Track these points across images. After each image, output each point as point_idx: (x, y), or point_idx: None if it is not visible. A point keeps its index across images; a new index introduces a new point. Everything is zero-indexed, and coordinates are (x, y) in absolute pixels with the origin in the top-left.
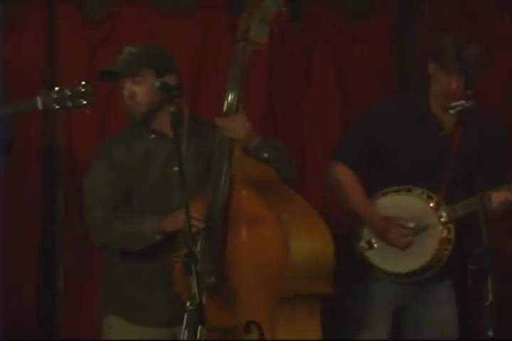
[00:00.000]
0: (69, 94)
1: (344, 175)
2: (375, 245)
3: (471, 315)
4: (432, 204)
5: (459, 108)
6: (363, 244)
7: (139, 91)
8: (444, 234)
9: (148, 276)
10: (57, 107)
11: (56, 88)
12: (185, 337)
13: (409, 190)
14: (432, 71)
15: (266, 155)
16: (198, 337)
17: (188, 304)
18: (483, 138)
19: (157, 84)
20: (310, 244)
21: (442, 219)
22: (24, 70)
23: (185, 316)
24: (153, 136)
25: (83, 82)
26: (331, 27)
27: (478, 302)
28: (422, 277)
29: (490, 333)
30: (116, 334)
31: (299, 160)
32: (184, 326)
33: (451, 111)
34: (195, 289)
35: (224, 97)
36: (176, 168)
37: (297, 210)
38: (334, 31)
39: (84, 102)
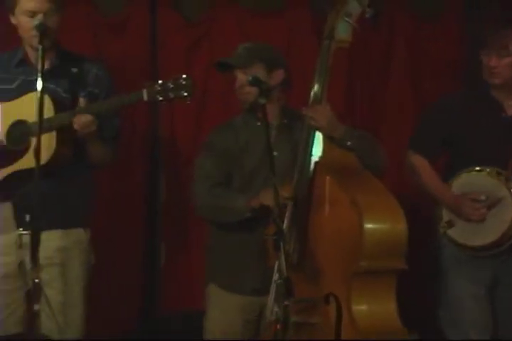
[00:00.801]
0: (171, 86)
1: (419, 163)
2: (455, 223)
3: None
4: (501, 179)
5: None
6: (443, 223)
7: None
8: None
9: (243, 248)
10: (160, 99)
11: (159, 81)
12: (274, 308)
13: (479, 170)
14: (481, 58)
15: (349, 143)
16: (285, 308)
17: (276, 278)
18: None
19: (249, 78)
20: (383, 224)
21: None
22: (129, 66)
23: (274, 289)
24: (258, 124)
25: (184, 76)
26: (405, 27)
27: None
28: (504, 247)
29: None
30: (214, 301)
31: None
32: (273, 298)
33: None
34: (282, 264)
35: (310, 90)
36: (276, 153)
37: (374, 194)
38: (408, 31)
39: (185, 94)
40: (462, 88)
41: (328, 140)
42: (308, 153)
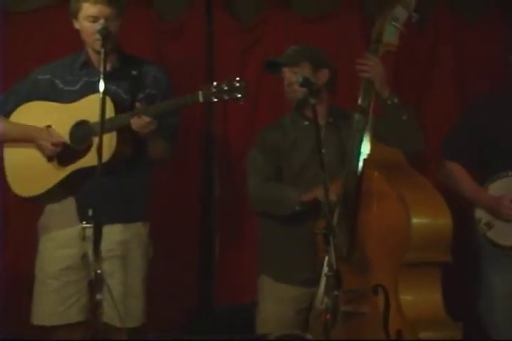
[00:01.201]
0: (226, 88)
1: (455, 169)
2: (494, 225)
3: None
4: None
5: None
6: (482, 225)
7: (296, 80)
8: None
9: (294, 241)
10: (215, 100)
11: (214, 83)
12: (324, 299)
13: None
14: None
15: (391, 102)
16: (334, 299)
17: (326, 270)
18: None
19: (300, 79)
20: (429, 218)
21: None
22: (186, 69)
23: (324, 281)
24: (306, 122)
25: (237, 78)
26: (450, 30)
27: None
28: None
29: None
30: (266, 292)
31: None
32: (323, 289)
33: None
34: (332, 257)
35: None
36: (323, 151)
37: (419, 189)
38: (453, 34)
39: (239, 95)
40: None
41: (374, 138)
42: (358, 151)
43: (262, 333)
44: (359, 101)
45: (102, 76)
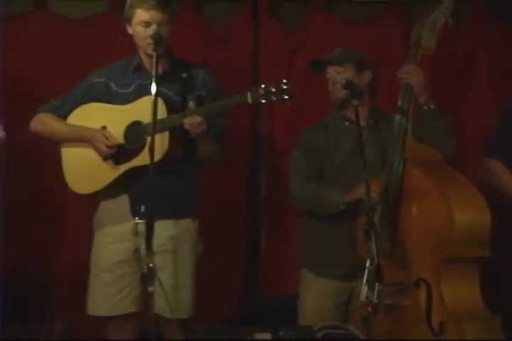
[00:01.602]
0: (273, 90)
1: (498, 168)
2: None
3: None
4: None
5: None
6: None
7: (340, 79)
8: None
9: (334, 237)
10: (263, 101)
11: (262, 85)
12: (365, 292)
13: None
14: None
15: (427, 108)
16: (376, 292)
17: (368, 265)
18: None
19: (343, 82)
20: (470, 215)
21: None
22: (233, 72)
23: (366, 275)
24: (347, 123)
25: (284, 80)
26: (487, 33)
27: None
28: None
29: None
30: (307, 285)
31: (459, 156)
32: (364, 283)
33: None
34: (373, 252)
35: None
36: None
37: (459, 186)
38: (490, 36)
39: (286, 97)
40: None
41: (412, 138)
42: (400, 150)
43: (304, 324)
44: (399, 103)
45: (153, 79)
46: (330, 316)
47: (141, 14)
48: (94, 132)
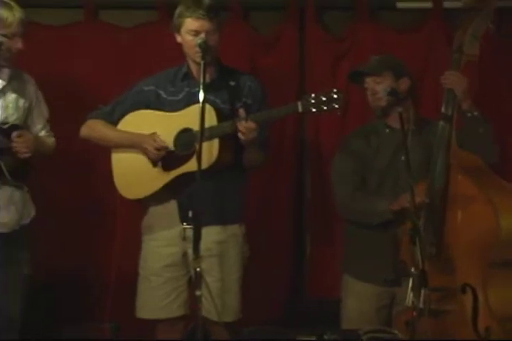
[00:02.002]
0: (324, 99)
1: None
2: None
3: None
4: None
5: None
6: None
7: (380, 89)
8: None
9: (377, 242)
10: (314, 110)
11: (313, 94)
12: (411, 297)
13: None
14: None
15: (471, 114)
16: (421, 297)
17: (412, 270)
18: None
19: (387, 89)
20: None
21: None
22: (279, 79)
23: (411, 280)
24: (387, 130)
25: (335, 90)
26: None
27: None
28: None
29: None
30: (349, 290)
31: (502, 162)
32: (409, 288)
33: None
34: (418, 257)
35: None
36: (402, 158)
37: (504, 191)
38: None
39: (336, 106)
40: None
41: (456, 144)
42: (443, 156)
43: (345, 328)
44: (442, 110)
45: (201, 87)
46: (371, 320)
47: (191, 23)
48: (144, 136)
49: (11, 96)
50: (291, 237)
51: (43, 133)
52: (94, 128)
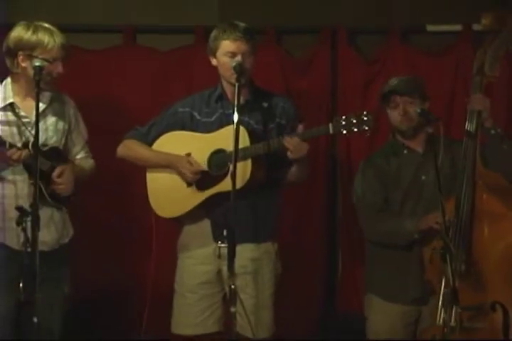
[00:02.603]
0: (354, 121)
1: None
2: None
3: None
4: None
5: None
6: None
7: (411, 109)
8: None
9: (402, 262)
10: (344, 132)
11: (344, 116)
12: (441, 315)
13: None
14: None
15: (494, 132)
16: (453, 315)
17: (443, 287)
18: None
19: (418, 110)
20: None
21: None
22: (312, 100)
23: (441, 297)
24: (405, 151)
25: (365, 112)
26: None
27: None
28: None
29: None
30: (375, 309)
31: None
32: (440, 306)
33: None
34: (449, 275)
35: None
36: (423, 177)
37: None
38: None
39: (366, 128)
40: None
41: (481, 164)
42: (468, 174)
43: None
44: (467, 126)
45: (235, 108)
46: (398, 336)
47: (228, 45)
48: (179, 158)
49: (51, 119)
50: (323, 254)
51: (81, 154)
52: (130, 148)
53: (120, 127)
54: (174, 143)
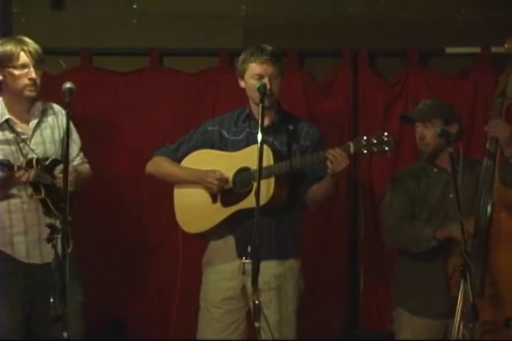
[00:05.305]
0: (375, 141)
1: None
2: None
3: None
4: None
5: None
6: None
7: (428, 134)
8: None
9: (429, 275)
10: (364, 152)
11: (365, 137)
12: (460, 329)
13: None
14: None
15: None
16: (473, 330)
17: (461, 304)
18: None
19: (438, 131)
20: None
21: None
22: (334, 122)
23: (459, 313)
24: (435, 170)
25: (386, 133)
26: None
27: None
28: None
29: None
30: (404, 324)
31: None
32: (457, 321)
33: None
34: (469, 292)
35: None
36: (451, 195)
37: None
38: None
39: (387, 148)
40: None
41: (500, 183)
42: (487, 194)
43: None
44: (487, 146)
45: (259, 128)
46: None
47: (255, 68)
48: (206, 171)
49: (47, 131)
50: (345, 272)
51: (77, 161)
52: (159, 165)
53: (147, 147)
54: (201, 161)
